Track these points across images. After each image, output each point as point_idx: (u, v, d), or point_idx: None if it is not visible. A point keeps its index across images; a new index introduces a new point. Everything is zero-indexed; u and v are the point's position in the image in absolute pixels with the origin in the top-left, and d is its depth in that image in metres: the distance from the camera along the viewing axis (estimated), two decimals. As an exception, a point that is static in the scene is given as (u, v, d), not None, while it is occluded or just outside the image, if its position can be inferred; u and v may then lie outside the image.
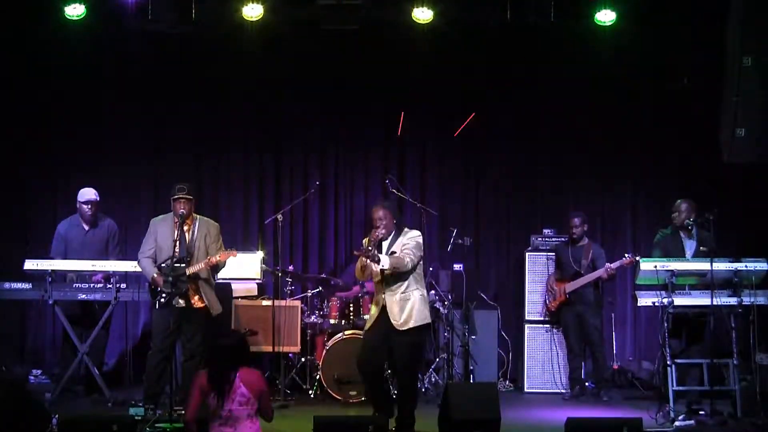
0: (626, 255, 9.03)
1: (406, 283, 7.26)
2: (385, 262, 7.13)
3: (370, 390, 7.49)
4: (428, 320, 7.42)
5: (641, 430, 6.73)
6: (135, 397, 8.16)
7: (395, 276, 7.22)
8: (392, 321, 7.22)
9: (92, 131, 10.21)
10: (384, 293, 7.25)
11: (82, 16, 9.25)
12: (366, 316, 8.09)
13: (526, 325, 9.70)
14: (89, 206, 8.93)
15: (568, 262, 9.33)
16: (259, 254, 9.65)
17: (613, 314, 9.96)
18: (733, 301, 7.94)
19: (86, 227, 9.01)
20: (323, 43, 10.09)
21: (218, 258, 7.85)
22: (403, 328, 7.21)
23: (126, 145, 10.26)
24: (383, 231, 7.25)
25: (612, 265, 9.06)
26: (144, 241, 8.08)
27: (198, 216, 8.11)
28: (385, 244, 7.30)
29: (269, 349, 8.87)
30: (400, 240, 7.30)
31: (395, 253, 7.22)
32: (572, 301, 9.29)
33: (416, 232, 7.40)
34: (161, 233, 7.99)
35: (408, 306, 7.23)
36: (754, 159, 8.84)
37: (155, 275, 7.84)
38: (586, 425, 6.78)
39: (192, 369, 7.83)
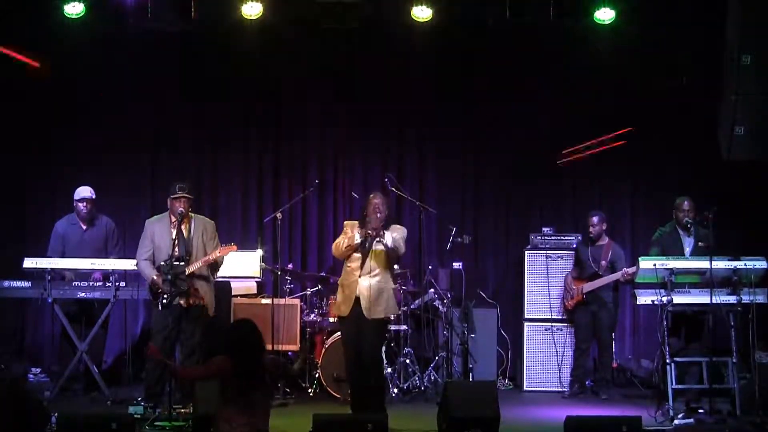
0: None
1: (385, 272, 7.40)
2: (388, 239, 7.27)
3: (353, 382, 7.51)
4: (397, 312, 7.70)
5: (640, 429, 6.73)
6: (134, 395, 8.17)
7: (375, 263, 7.33)
8: (362, 307, 7.32)
9: (92, 130, 10.20)
10: (359, 277, 7.33)
11: (82, 15, 9.25)
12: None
13: (526, 324, 9.70)
14: (84, 204, 8.93)
15: (587, 262, 9.29)
16: (259, 252, 9.66)
17: (612, 313, 9.96)
18: (732, 299, 7.93)
19: (84, 226, 9.01)
20: (323, 42, 10.09)
21: (217, 254, 7.86)
22: (373, 317, 7.33)
23: (126, 145, 10.25)
24: (380, 219, 7.35)
25: (629, 269, 8.99)
26: (140, 243, 8.09)
27: (193, 214, 8.12)
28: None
29: (268, 347, 8.85)
30: (389, 234, 7.41)
31: (385, 244, 7.36)
32: (589, 302, 9.28)
33: (403, 227, 7.61)
34: (158, 233, 7.99)
35: (383, 296, 7.36)
36: (753, 157, 8.83)
37: (155, 277, 7.84)
38: (585, 424, 6.77)
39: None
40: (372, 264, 7.35)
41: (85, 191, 8.96)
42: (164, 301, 7.74)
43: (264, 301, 9.27)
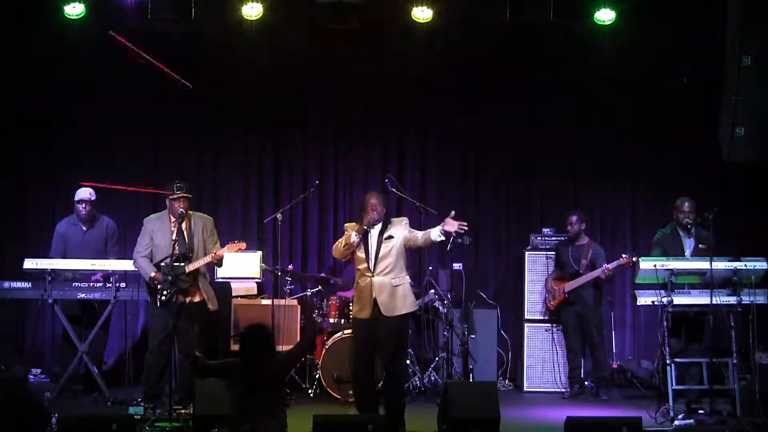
0: (623, 255, 9.04)
1: (397, 268, 7.33)
2: (398, 235, 7.31)
3: (360, 385, 7.44)
4: (416, 307, 7.52)
5: (641, 430, 6.73)
6: (134, 396, 8.16)
7: (386, 261, 7.29)
8: (380, 306, 7.24)
9: (92, 131, 10.20)
10: (373, 277, 7.28)
11: (82, 15, 9.26)
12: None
13: (526, 324, 9.70)
14: (83, 206, 8.93)
15: (568, 262, 9.34)
16: (259, 253, 9.66)
17: (612, 313, 9.95)
18: (732, 300, 7.92)
19: (84, 227, 9.01)
20: (323, 43, 10.09)
21: (224, 251, 7.86)
22: (392, 314, 7.24)
23: (126, 146, 10.26)
24: (376, 216, 7.31)
25: (609, 265, 9.07)
26: (139, 240, 8.08)
27: (192, 212, 8.12)
28: (374, 232, 7.35)
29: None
30: (394, 229, 7.38)
31: (392, 237, 7.33)
32: (571, 301, 9.30)
33: (402, 218, 7.60)
34: (158, 232, 7.98)
35: (398, 292, 7.29)
36: (753, 158, 8.86)
37: (153, 274, 7.84)
38: (585, 424, 6.78)
39: (188, 369, 7.83)
40: (383, 263, 7.30)
41: (84, 193, 8.96)
42: (163, 298, 7.75)
43: (264, 302, 9.27)
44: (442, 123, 10.57)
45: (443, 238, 7.43)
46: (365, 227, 7.30)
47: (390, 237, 7.33)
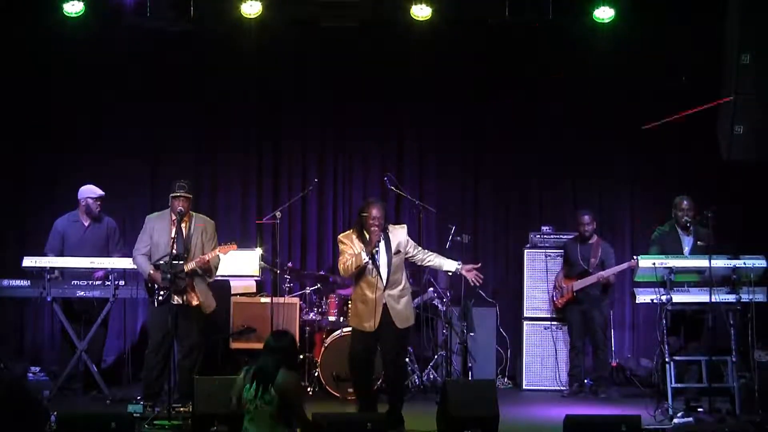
0: (635, 257, 9.02)
1: (403, 279, 7.42)
2: (401, 244, 7.40)
3: (363, 386, 7.50)
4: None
5: (640, 428, 6.73)
6: (133, 394, 8.16)
7: (396, 275, 7.35)
8: (394, 319, 7.28)
9: (91, 129, 10.20)
10: (385, 291, 7.30)
11: (81, 14, 9.27)
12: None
13: (525, 323, 9.70)
14: (99, 203, 8.94)
15: (577, 260, 9.32)
16: (258, 251, 9.67)
17: (611, 311, 9.94)
18: (731, 298, 7.93)
19: (86, 224, 9.00)
20: (322, 41, 10.10)
21: (216, 253, 7.85)
22: (404, 326, 7.35)
23: (126, 144, 10.25)
24: (380, 230, 7.31)
25: (617, 268, 9.09)
26: (139, 238, 8.08)
27: (194, 213, 8.12)
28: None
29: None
30: (397, 239, 7.40)
31: (399, 252, 7.38)
32: (579, 299, 9.29)
33: (404, 227, 7.59)
34: (158, 230, 7.98)
35: (406, 303, 7.40)
36: (752, 157, 8.83)
37: (152, 272, 7.84)
38: (584, 422, 6.78)
39: (188, 367, 7.84)
40: (394, 277, 7.36)
41: (98, 189, 8.96)
42: (160, 297, 7.76)
43: (263, 300, 9.27)
44: (441, 122, 10.57)
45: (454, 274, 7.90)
46: (376, 248, 7.29)
47: (398, 252, 7.39)
